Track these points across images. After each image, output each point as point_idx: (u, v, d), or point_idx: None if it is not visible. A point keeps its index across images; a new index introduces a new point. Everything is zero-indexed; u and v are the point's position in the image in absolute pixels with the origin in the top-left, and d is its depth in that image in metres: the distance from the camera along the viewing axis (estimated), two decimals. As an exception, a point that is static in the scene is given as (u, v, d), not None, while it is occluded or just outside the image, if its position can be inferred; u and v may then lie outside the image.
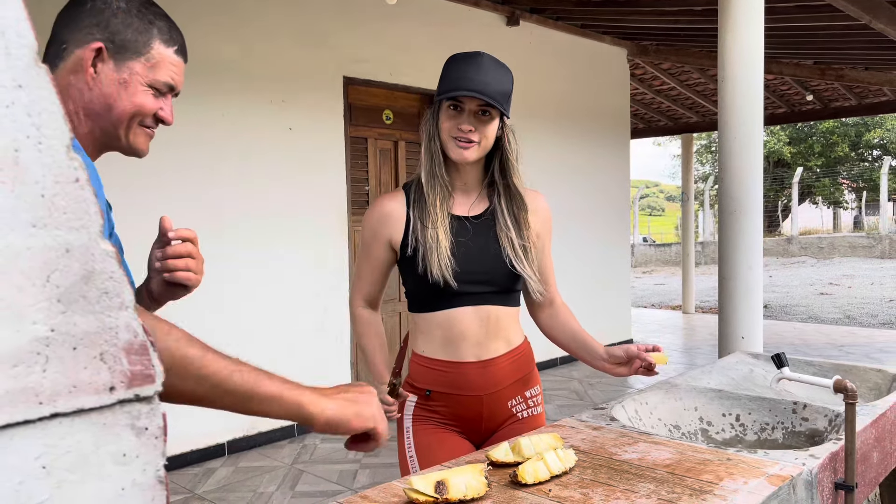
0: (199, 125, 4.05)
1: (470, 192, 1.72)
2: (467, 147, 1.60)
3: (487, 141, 1.63)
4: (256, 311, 4.31)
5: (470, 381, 1.68)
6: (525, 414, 1.75)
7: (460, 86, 1.57)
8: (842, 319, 9.60)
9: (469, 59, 1.61)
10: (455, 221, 1.67)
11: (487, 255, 1.65)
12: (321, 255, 4.66)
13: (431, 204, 1.64)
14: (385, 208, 1.70)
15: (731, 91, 2.88)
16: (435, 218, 1.63)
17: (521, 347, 1.77)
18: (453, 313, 1.67)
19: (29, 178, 0.49)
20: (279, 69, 4.42)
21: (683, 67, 7.98)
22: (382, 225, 1.69)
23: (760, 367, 2.52)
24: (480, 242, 1.66)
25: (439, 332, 1.68)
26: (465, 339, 1.66)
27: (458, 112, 1.60)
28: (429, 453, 1.68)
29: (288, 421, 1.03)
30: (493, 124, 1.63)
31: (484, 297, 1.66)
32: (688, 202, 9.98)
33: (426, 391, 1.71)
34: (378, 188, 5.12)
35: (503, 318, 1.69)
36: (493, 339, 1.68)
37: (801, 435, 1.93)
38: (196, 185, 4.04)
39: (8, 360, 0.47)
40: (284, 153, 4.46)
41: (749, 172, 2.79)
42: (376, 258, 1.74)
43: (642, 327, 8.68)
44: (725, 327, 2.87)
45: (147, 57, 1.12)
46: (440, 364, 1.68)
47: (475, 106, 1.59)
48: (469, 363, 1.67)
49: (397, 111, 5.23)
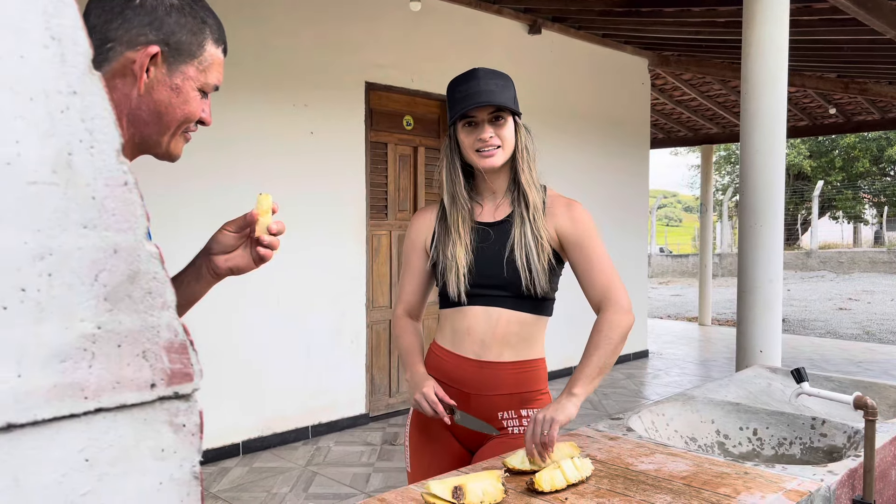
0: (220, 126, 4.09)
1: (498, 198, 1.76)
2: (492, 154, 1.66)
3: (508, 143, 1.68)
4: (272, 314, 4.34)
5: (463, 377, 1.71)
6: (517, 430, 1.71)
7: (468, 101, 1.63)
8: (861, 335, 9.50)
9: (467, 77, 1.68)
10: (479, 230, 1.73)
11: (501, 260, 1.68)
12: (339, 260, 4.69)
13: (452, 223, 1.73)
14: (420, 219, 1.84)
15: (754, 103, 2.87)
16: (455, 237, 1.71)
17: (532, 364, 1.73)
18: (463, 310, 1.72)
19: (81, 180, 0.51)
20: (302, 72, 4.46)
21: (705, 78, 7.96)
22: (418, 234, 1.83)
23: (778, 382, 2.50)
24: (497, 247, 1.69)
25: (449, 325, 1.76)
26: (469, 334, 1.70)
27: (473, 126, 1.67)
28: (419, 450, 1.79)
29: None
30: (509, 127, 1.68)
31: (496, 300, 1.69)
32: (707, 213, 9.93)
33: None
34: (397, 194, 5.14)
35: (514, 324, 1.69)
36: (498, 343, 1.69)
37: (819, 451, 1.92)
38: (215, 186, 4.08)
39: (56, 355, 0.49)
40: (305, 156, 4.49)
41: (770, 185, 2.78)
42: (415, 267, 1.84)
43: (657, 338, 8.64)
44: (743, 340, 2.85)
45: (200, 60, 1.03)
46: (444, 353, 1.75)
47: (487, 115, 1.65)
48: (467, 359, 1.70)
49: (418, 117, 5.25)
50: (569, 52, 6.27)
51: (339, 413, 4.70)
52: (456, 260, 1.69)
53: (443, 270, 1.72)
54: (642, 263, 7.55)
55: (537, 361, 1.74)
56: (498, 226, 1.72)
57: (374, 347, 5.00)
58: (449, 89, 1.70)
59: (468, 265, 1.69)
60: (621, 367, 6.94)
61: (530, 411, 1.73)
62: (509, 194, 1.74)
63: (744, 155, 2.89)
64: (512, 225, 1.69)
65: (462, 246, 1.70)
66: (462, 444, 1.77)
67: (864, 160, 27.89)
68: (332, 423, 4.65)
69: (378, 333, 5.04)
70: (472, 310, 1.70)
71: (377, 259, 5.03)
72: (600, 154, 6.74)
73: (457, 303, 1.72)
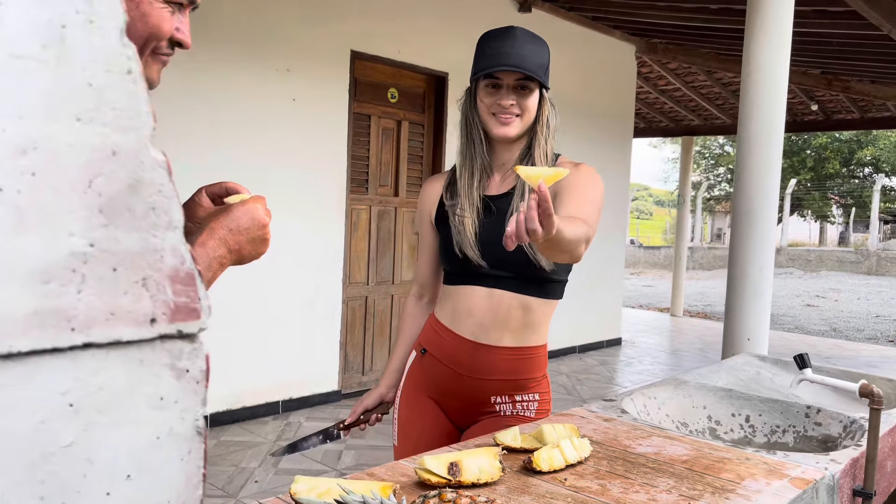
0: (202, 88, 3.94)
1: (507, 169, 1.66)
2: (508, 122, 1.57)
3: (528, 114, 1.58)
4: (245, 283, 4.22)
5: (458, 357, 1.62)
6: (509, 412, 1.64)
7: (497, 62, 1.52)
8: (828, 332, 9.63)
9: (504, 34, 1.56)
10: (488, 203, 1.63)
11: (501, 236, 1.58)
12: (317, 233, 4.57)
13: (462, 187, 1.63)
14: (427, 188, 1.76)
15: (753, 87, 2.82)
16: (464, 202, 1.61)
17: (532, 350, 1.63)
18: (466, 289, 1.63)
19: (76, 61, 0.41)
20: (287, 37, 4.31)
21: (690, 68, 7.93)
22: (424, 203, 1.74)
23: (767, 370, 2.47)
24: (499, 223, 1.60)
25: (450, 304, 1.66)
26: (469, 315, 1.61)
27: (496, 89, 1.56)
28: (406, 424, 1.72)
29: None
30: (533, 98, 1.57)
31: (499, 281, 1.59)
32: (684, 205, 9.95)
33: (423, 349, 1.71)
34: (379, 168, 5.03)
35: (517, 308, 1.59)
36: (499, 327, 1.59)
37: (813, 440, 1.88)
38: (197, 150, 3.93)
39: (39, 275, 0.40)
40: (286, 123, 4.36)
41: (767, 172, 2.73)
42: (426, 241, 1.77)
43: (630, 327, 8.66)
44: (731, 328, 2.81)
45: None
46: (442, 329, 1.66)
47: (513, 80, 1.55)
48: (465, 339, 1.61)
49: (403, 90, 5.13)
50: (557, 33, 6.17)
51: (311, 389, 4.61)
52: (464, 226, 1.59)
53: (448, 240, 1.62)
54: (620, 253, 7.54)
55: (538, 348, 1.65)
56: (500, 199, 1.62)
57: (349, 324, 4.90)
58: (480, 42, 1.58)
59: (477, 233, 1.59)
60: (594, 353, 6.94)
61: (525, 396, 1.65)
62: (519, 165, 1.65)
63: (741, 139, 2.84)
64: (512, 199, 1.60)
65: (470, 214, 1.60)
66: (451, 421, 1.70)
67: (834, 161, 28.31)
68: (304, 398, 4.55)
69: (354, 310, 4.94)
70: (474, 290, 1.61)
71: (356, 234, 4.92)
72: (582, 140, 6.67)
73: (460, 280, 1.63)
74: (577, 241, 1.30)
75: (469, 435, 1.65)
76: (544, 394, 1.70)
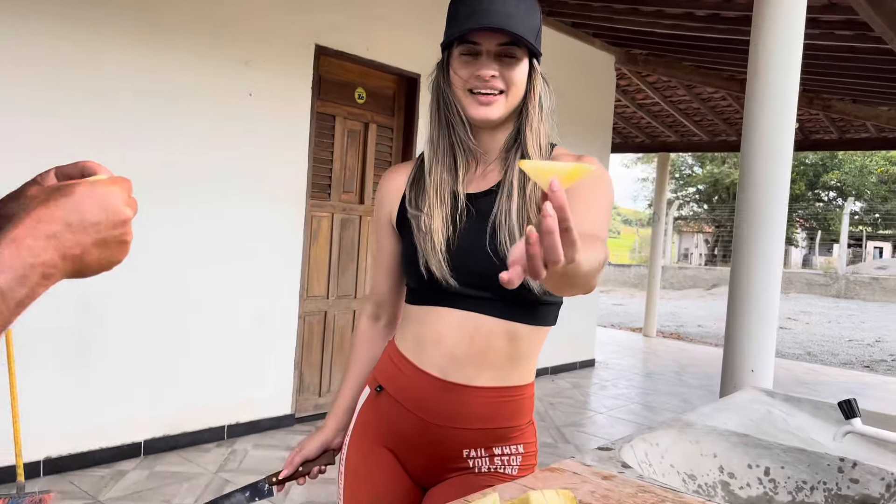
0: (150, 77, 3.54)
1: (489, 161, 1.30)
2: (490, 101, 1.21)
3: (516, 90, 1.22)
4: (190, 293, 3.81)
5: (422, 400, 1.25)
6: (485, 468, 1.29)
7: (475, 21, 1.16)
8: (803, 356, 9.45)
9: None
10: (462, 202, 1.26)
11: (482, 246, 1.21)
12: (272, 240, 4.18)
13: (432, 182, 1.26)
14: (387, 182, 1.39)
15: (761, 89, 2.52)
16: (434, 202, 1.25)
17: (517, 391, 1.27)
18: (433, 311, 1.26)
19: None
20: (245, 25, 3.94)
21: (669, 82, 7.71)
22: (383, 201, 1.39)
23: (778, 409, 2.15)
24: (477, 229, 1.23)
25: (413, 330, 1.30)
26: (438, 345, 1.25)
27: (474, 58, 1.20)
28: (355, 481, 1.34)
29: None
30: (521, 68, 1.22)
31: (477, 303, 1.22)
32: (658, 222, 9.73)
33: (378, 386, 1.34)
34: (343, 172, 4.66)
35: (500, 337, 1.22)
36: (476, 361, 1.22)
37: (849, 500, 1.56)
38: (140, 144, 3.53)
39: None
40: (241, 120, 3.97)
41: (776, 181, 2.43)
42: (384, 247, 1.40)
43: (603, 347, 8.36)
44: (732, 357, 2.49)
45: None
46: (403, 362, 1.29)
47: (495, 46, 1.19)
48: (431, 377, 1.24)
49: (371, 90, 4.78)
50: (536, 39, 5.89)
51: (261, 412, 4.19)
52: (432, 231, 1.23)
53: (413, 245, 1.26)
54: (595, 269, 7.24)
55: (524, 388, 1.29)
56: (480, 199, 1.25)
57: (305, 341, 4.50)
58: (452, 1, 1.22)
59: (446, 245, 1.23)
60: (567, 375, 6.61)
61: (506, 448, 1.29)
62: (504, 157, 1.27)
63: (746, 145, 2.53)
64: (496, 199, 1.23)
65: (441, 217, 1.24)
66: (413, 479, 1.33)
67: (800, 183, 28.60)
68: (252, 423, 4.14)
69: (311, 326, 4.54)
70: (444, 313, 1.24)
71: (316, 243, 4.53)
72: (561, 150, 6.37)
73: (426, 300, 1.27)
74: (594, 272, 0.92)
75: (435, 497, 1.29)
76: (529, 444, 1.34)
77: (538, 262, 0.69)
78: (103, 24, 3.38)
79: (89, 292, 3.40)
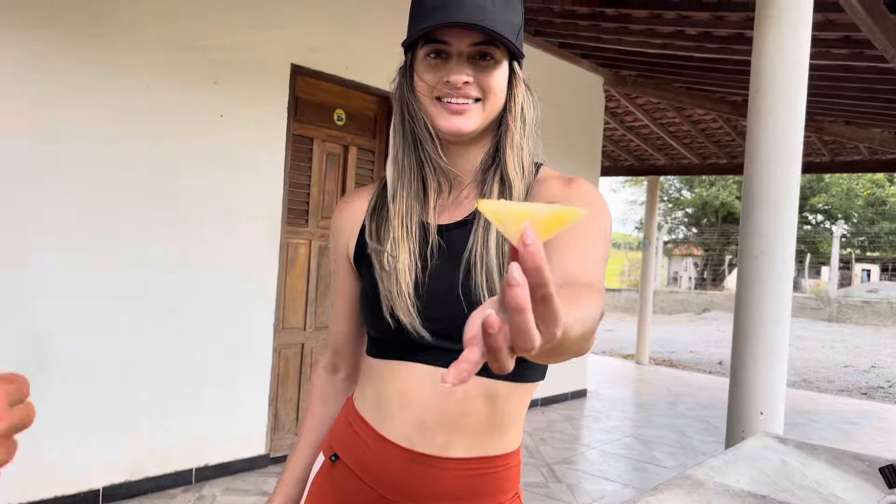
0: (113, 96, 3.32)
1: (463, 184, 1.07)
2: (463, 110, 0.99)
3: (494, 98, 1.00)
4: (156, 327, 3.56)
5: (384, 473, 1.02)
6: None
7: (443, 15, 0.94)
8: (799, 383, 9.24)
9: None
10: (434, 234, 1.04)
11: (453, 287, 0.99)
12: (245, 269, 3.94)
13: (396, 211, 1.04)
14: (344, 210, 1.17)
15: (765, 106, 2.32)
16: (399, 234, 1.03)
17: (500, 461, 1.04)
18: (398, 367, 1.04)
19: None
20: (215, 43, 3.73)
21: (659, 104, 7.58)
22: (340, 232, 1.17)
23: (794, 458, 1.93)
24: (449, 267, 1.01)
25: (374, 386, 1.07)
26: (402, 408, 1.01)
27: (443, 60, 0.99)
28: None
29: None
30: (500, 72, 1.00)
31: (452, 358, 0.98)
32: (650, 247, 9.56)
33: (333, 454, 1.11)
34: (321, 197, 4.44)
35: (478, 397, 0.99)
36: (449, 427, 0.99)
37: (891, 579, 1.34)
38: (101, 171, 3.30)
39: None
40: (211, 143, 3.75)
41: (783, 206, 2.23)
42: (341, 285, 1.18)
43: (595, 376, 8.12)
44: (739, 399, 2.26)
45: None
46: (362, 426, 1.06)
47: (468, 46, 0.97)
48: (395, 446, 1.01)
49: (351, 112, 4.58)
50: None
51: (233, 453, 3.92)
52: (396, 274, 1.00)
53: (371, 292, 1.04)
54: (585, 295, 7.03)
55: (508, 456, 1.05)
56: (454, 230, 1.03)
57: (280, 376, 4.25)
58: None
59: (414, 288, 1.01)
60: (558, 407, 6.36)
61: None
62: (481, 180, 1.05)
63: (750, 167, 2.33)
64: (471, 231, 1.01)
65: (408, 253, 1.02)
66: None
67: (789, 207, 28.62)
68: (223, 465, 3.86)
69: (287, 359, 4.29)
70: (411, 369, 1.01)
71: (292, 272, 4.30)
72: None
73: (390, 353, 1.04)
74: (588, 333, 0.68)
75: None
76: None
77: (502, 355, 0.46)
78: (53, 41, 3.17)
79: (42, 327, 3.15)
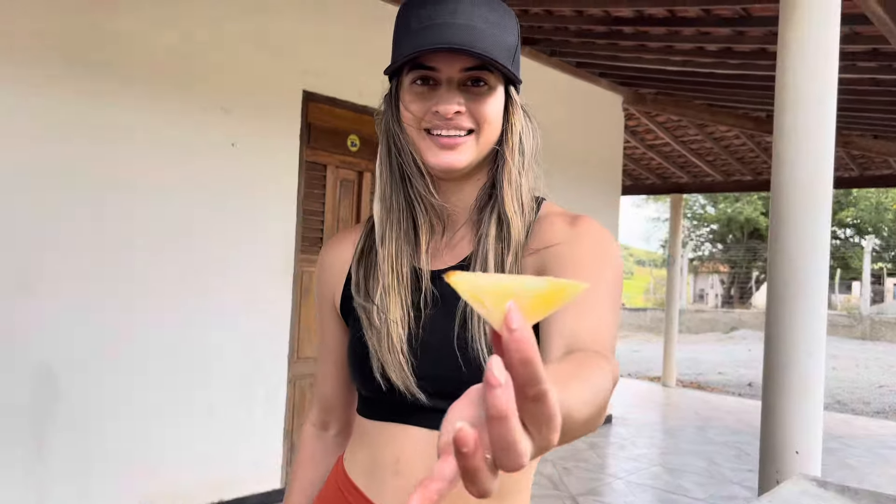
0: (119, 126, 3.29)
1: (457, 224, 0.98)
2: (455, 143, 0.89)
3: (490, 128, 0.91)
4: (167, 360, 3.49)
5: None
6: None
7: (430, 38, 0.85)
8: (832, 404, 8.96)
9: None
10: (427, 281, 0.94)
11: (449, 343, 0.89)
12: (258, 298, 3.87)
13: (385, 256, 0.94)
14: (329, 254, 1.07)
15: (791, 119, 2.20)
16: (389, 280, 0.93)
17: None
18: (391, 429, 0.94)
19: None
20: (226, 71, 3.70)
21: (680, 122, 7.45)
22: (326, 280, 1.07)
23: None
24: (444, 320, 0.91)
25: (365, 449, 0.97)
26: (396, 475, 0.92)
27: (430, 88, 0.89)
28: None
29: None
30: (494, 100, 0.90)
31: None
32: (674, 265, 9.38)
33: None
34: (336, 224, 4.37)
35: None
36: (449, 498, 0.88)
37: None
38: (110, 201, 3.25)
39: None
40: (223, 172, 3.70)
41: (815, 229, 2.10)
42: (328, 336, 1.08)
43: (620, 399, 7.93)
44: (772, 436, 2.11)
45: None
46: (352, 493, 0.96)
47: (458, 72, 0.87)
48: None
49: (365, 138, 4.52)
50: (539, 81, 5.64)
51: (247, 488, 3.83)
52: (388, 327, 0.91)
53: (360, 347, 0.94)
54: (609, 318, 6.87)
55: None
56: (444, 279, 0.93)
57: (295, 407, 4.16)
58: (401, 13, 0.91)
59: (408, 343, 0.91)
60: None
61: None
62: (477, 220, 0.95)
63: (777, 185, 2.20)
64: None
65: (399, 304, 0.92)
66: None
67: (816, 222, 28.13)
68: (238, 501, 3.77)
69: (302, 390, 4.20)
70: (406, 432, 0.92)
71: (307, 301, 4.22)
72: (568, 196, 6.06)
73: (382, 414, 0.95)
74: (598, 411, 0.60)
75: None
76: None
77: (481, 477, 0.36)
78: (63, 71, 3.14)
79: (47, 363, 3.09)
